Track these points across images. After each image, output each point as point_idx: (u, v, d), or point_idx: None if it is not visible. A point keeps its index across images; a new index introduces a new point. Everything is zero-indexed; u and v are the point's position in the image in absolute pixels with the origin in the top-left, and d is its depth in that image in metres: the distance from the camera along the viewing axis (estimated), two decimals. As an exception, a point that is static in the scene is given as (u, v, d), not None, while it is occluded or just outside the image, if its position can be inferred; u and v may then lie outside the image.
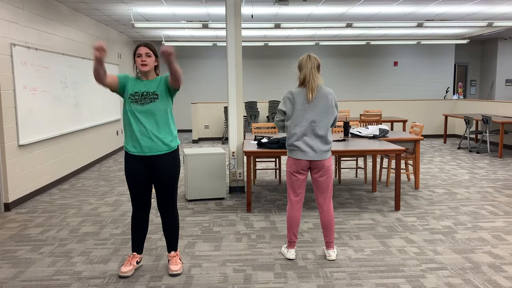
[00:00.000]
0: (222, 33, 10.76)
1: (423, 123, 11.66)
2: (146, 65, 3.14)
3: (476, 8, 8.02)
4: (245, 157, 6.82)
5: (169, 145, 3.22)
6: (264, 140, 5.08)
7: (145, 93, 3.15)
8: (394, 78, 13.72)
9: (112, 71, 9.39)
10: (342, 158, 7.11)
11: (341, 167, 7.46)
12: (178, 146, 3.32)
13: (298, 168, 3.48)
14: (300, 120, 3.44)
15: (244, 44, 11.83)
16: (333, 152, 4.63)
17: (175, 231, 3.39)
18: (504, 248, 3.77)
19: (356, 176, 6.83)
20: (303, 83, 3.45)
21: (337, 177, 6.56)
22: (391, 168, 6.72)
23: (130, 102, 3.15)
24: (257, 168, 7.14)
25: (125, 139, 3.23)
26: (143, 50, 3.13)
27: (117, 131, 9.62)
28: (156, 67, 3.25)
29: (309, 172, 3.57)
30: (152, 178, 3.25)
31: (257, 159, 7.18)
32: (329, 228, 3.56)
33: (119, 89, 3.20)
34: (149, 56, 3.15)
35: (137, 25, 8.26)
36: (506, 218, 4.64)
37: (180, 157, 3.36)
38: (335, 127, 3.58)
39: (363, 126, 7.93)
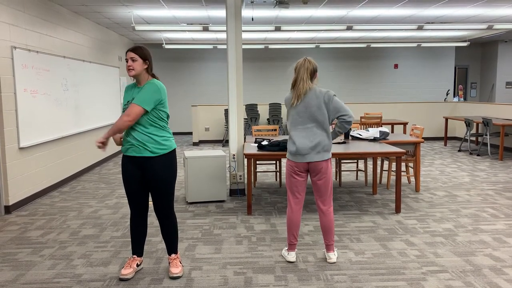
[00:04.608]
0: (223, 35, 10.78)
1: (424, 125, 11.66)
2: (132, 69, 3.13)
3: (476, 11, 8.03)
4: (245, 160, 6.81)
5: (161, 148, 3.18)
6: (265, 142, 5.08)
7: (132, 98, 3.18)
8: (394, 80, 13.73)
9: (113, 73, 9.41)
10: (342, 161, 7.11)
11: (342, 169, 7.45)
12: (174, 149, 3.28)
13: (296, 170, 3.48)
14: (296, 123, 3.45)
15: (244, 46, 11.84)
16: (334, 155, 4.63)
17: (174, 234, 3.39)
18: (505, 251, 3.77)
19: (357, 179, 6.83)
20: (293, 86, 3.48)
21: (338, 179, 6.56)
22: (392, 171, 6.71)
23: (123, 110, 3.22)
24: (257, 170, 7.13)
25: (123, 141, 3.26)
26: (128, 55, 3.15)
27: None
28: (147, 70, 3.21)
29: (309, 175, 3.56)
30: (146, 181, 3.24)
31: (257, 162, 7.17)
32: (329, 231, 3.55)
33: None
34: (134, 61, 3.12)
35: (138, 27, 8.27)
36: (507, 220, 4.63)
37: (177, 160, 3.35)
38: (344, 117, 3.49)
39: (363, 129, 7.93)
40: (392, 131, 10.19)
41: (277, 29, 8.63)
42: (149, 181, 3.22)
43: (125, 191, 3.30)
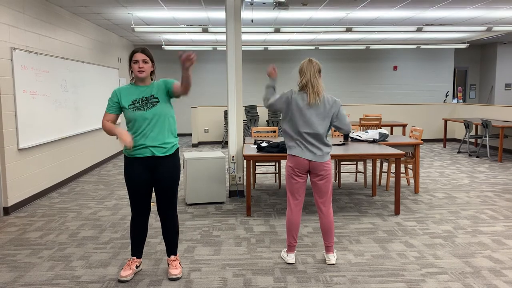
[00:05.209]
0: (222, 37, 10.78)
1: (423, 127, 11.67)
2: (143, 71, 3.15)
3: (476, 13, 8.05)
4: (244, 161, 6.81)
5: (172, 148, 3.24)
6: (264, 144, 5.08)
7: (144, 98, 3.16)
8: (393, 82, 13.74)
9: (112, 75, 9.41)
10: (342, 162, 7.10)
11: (341, 171, 7.45)
12: (178, 148, 3.33)
13: (297, 172, 3.48)
14: (301, 123, 3.44)
15: (244, 48, 11.85)
16: (333, 156, 4.63)
17: (174, 235, 3.39)
18: (504, 253, 3.77)
19: (356, 180, 6.83)
20: (304, 87, 3.44)
21: (337, 181, 6.56)
22: (391, 172, 6.71)
23: (132, 110, 3.15)
24: (256, 172, 7.13)
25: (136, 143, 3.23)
26: (140, 56, 3.14)
27: (116, 135, 9.60)
28: (152, 73, 3.26)
29: (308, 176, 3.56)
30: (153, 181, 3.26)
31: (256, 163, 7.17)
32: (329, 232, 3.55)
33: (119, 112, 3.27)
34: (146, 63, 3.16)
35: (137, 29, 8.28)
36: (506, 222, 4.63)
37: (179, 160, 3.37)
38: (341, 130, 3.56)
39: (362, 130, 7.93)
40: (392, 133, 10.20)
41: (277, 30, 8.64)
42: (158, 180, 3.23)
43: (128, 193, 3.29)
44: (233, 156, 5.81)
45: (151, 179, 3.25)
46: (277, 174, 7.00)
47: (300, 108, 3.42)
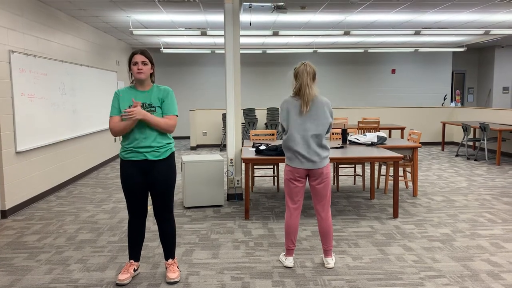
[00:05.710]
0: (221, 40, 10.79)
1: (421, 130, 11.68)
2: (142, 72, 3.15)
3: (473, 17, 8.07)
4: (243, 164, 6.80)
5: (165, 152, 3.23)
6: (262, 147, 5.07)
7: (141, 105, 3.15)
8: (391, 85, 13.77)
9: (111, 78, 9.41)
10: (340, 165, 7.10)
11: (339, 174, 7.45)
12: (173, 152, 3.32)
13: (295, 176, 3.48)
14: (297, 130, 3.44)
15: (242, 51, 11.87)
16: (331, 160, 4.63)
17: (172, 239, 3.38)
18: (502, 256, 3.77)
19: (354, 184, 6.83)
20: (298, 93, 3.45)
21: (335, 184, 6.56)
22: (389, 176, 6.71)
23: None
24: (255, 175, 7.13)
25: (122, 147, 3.24)
26: (139, 58, 3.15)
27: (114, 138, 9.61)
28: (151, 75, 3.26)
29: (307, 179, 3.56)
30: (148, 184, 3.25)
31: (255, 166, 7.17)
32: (328, 236, 3.55)
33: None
34: (145, 64, 3.17)
35: (136, 32, 8.28)
36: (504, 225, 4.63)
37: (176, 164, 3.36)
38: (327, 134, 3.58)
39: (361, 133, 7.94)
40: (390, 136, 10.21)
41: (275, 34, 8.66)
42: (153, 184, 3.22)
43: (125, 196, 3.29)
44: (232, 159, 5.81)
45: (145, 182, 3.25)
46: (275, 177, 6.99)
47: (297, 114, 3.44)
